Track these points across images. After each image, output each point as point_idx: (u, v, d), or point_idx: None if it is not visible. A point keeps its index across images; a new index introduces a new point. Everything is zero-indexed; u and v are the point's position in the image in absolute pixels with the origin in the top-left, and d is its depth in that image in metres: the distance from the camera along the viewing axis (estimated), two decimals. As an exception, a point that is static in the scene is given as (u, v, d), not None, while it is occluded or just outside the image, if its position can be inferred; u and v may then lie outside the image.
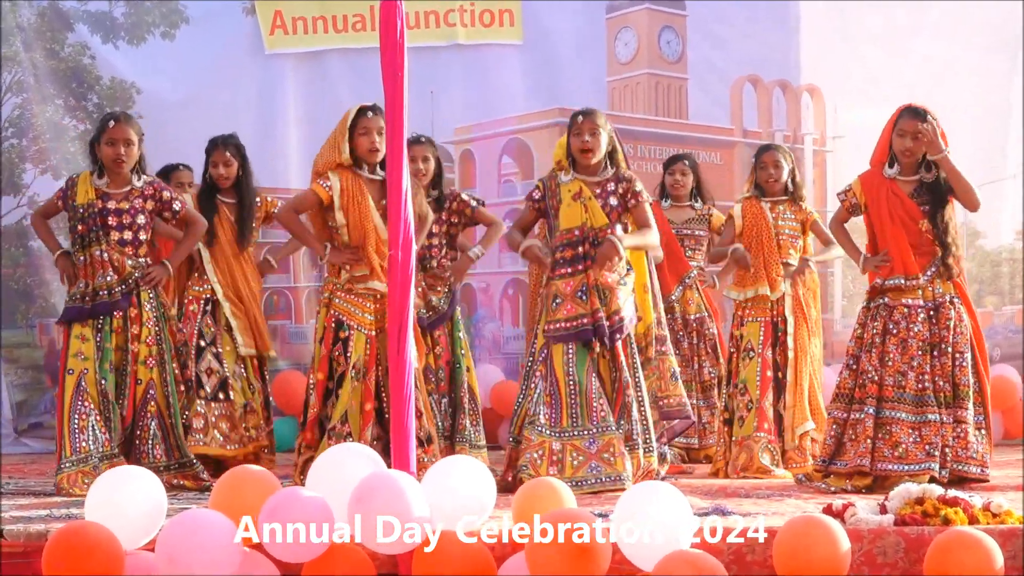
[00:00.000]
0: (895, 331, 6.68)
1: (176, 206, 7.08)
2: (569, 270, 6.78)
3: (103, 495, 4.92)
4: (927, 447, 6.53)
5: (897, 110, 6.80)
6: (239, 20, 10.28)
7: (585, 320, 6.70)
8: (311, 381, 6.87)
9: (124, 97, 9.97)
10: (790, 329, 7.67)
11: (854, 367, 6.78)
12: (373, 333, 6.76)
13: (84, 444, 6.70)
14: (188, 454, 6.99)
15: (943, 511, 5.03)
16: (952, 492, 5.23)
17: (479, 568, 4.72)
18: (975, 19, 10.26)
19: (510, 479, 6.62)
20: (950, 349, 6.66)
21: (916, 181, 6.77)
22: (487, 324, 10.15)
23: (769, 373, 7.64)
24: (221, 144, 8.01)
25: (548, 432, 6.62)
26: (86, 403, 6.75)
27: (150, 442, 6.84)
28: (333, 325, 6.81)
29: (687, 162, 8.68)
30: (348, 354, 6.74)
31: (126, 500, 4.89)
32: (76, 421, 6.72)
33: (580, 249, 6.78)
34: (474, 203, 7.78)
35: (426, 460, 6.45)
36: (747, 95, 10.45)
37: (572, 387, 6.64)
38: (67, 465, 6.66)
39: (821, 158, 10.47)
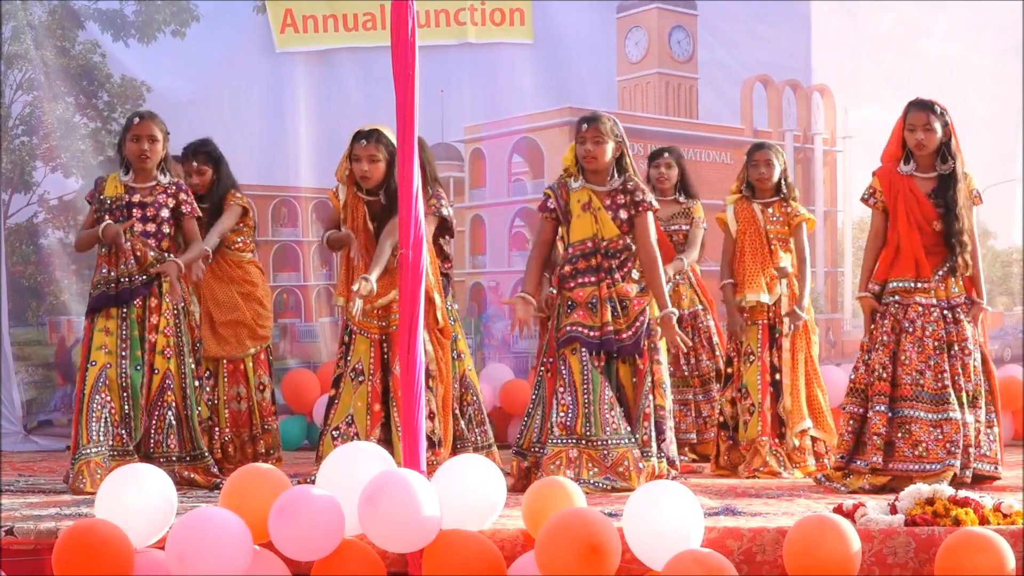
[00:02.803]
0: (911, 329, 6.66)
1: (185, 209, 7.11)
2: (582, 280, 6.77)
3: (113, 493, 4.93)
4: (948, 445, 6.50)
5: (907, 106, 6.76)
6: (249, 19, 10.28)
7: (593, 333, 6.69)
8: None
9: (134, 95, 9.98)
10: (786, 330, 7.66)
11: (868, 361, 6.75)
12: (377, 337, 6.79)
13: (97, 436, 6.72)
14: (201, 446, 6.99)
15: (954, 511, 5.03)
16: (963, 493, 5.23)
17: (489, 567, 4.72)
18: (986, 21, 10.24)
19: (519, 489, 6.60)
20: (959, 351, 6.65)
21: (934, 179, 6.75)
22: (496, 323, 10.15)
23: (767, 377, 7.64)
24: (191, 155, 8.02)
25: (564, 440, 6.61)
26: (104, 395, 6.78)
27: (164, 432, 6.85)
28: (346, 333, 6.86)
29: (670, 154, 8.66)
30: (348, 357, 6.78)
31: (136, 498, 4.90)
32: (93, 413, 6.74)
33: (593, 261, 6.77)
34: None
35: (435, 462, 6.45)
36: (757, 95, 10.44)
37: (587, 396, 6.62)
38: (83, 454, 6.69)
39: (831, 158, 10.46)
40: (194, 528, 4.66)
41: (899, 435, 6.60)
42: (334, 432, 6.72)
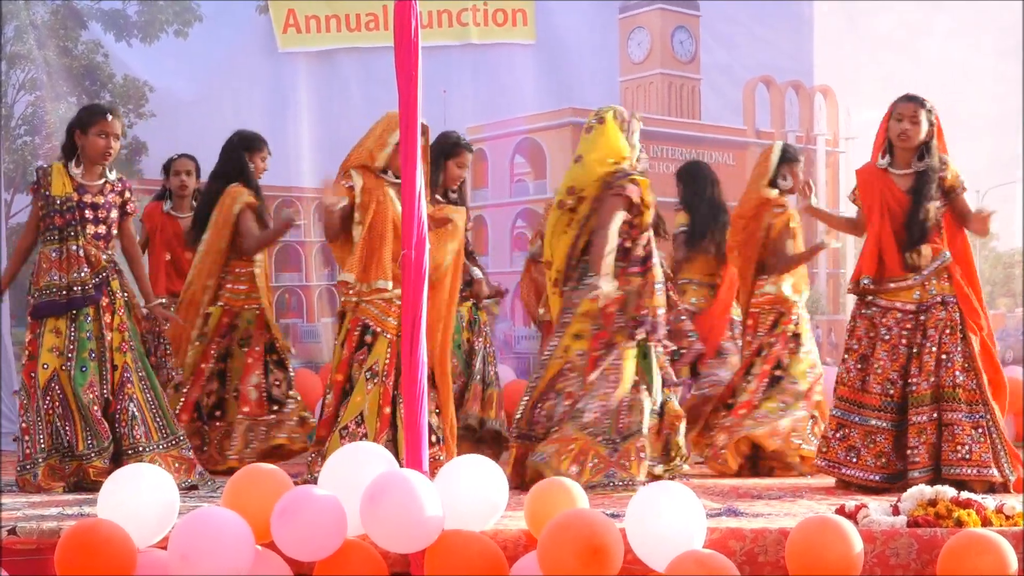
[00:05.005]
0: (887, 337, 6.67)
1: (129, 209, 7.02)
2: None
3: (116, 493, 4.93)
4: (909, 451, 6.53)
5: (896, 99, 6.75)
6: (252, 19, 10.30)
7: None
8: (330, 381, 6.90)
9: (137, 95, 10.00)
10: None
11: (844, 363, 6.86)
12: (394, 338, 6.77)
13: (50, 440, 6.71)
14: (175, 431, 6.95)
15: (956, 513, 5.03)
16: (965, 494, 5.23)
17: (491, 568, 4.72)
18: (987, 22, 10.25)
19: (521, 476, 6.65)
20: (935, 348, 6.58)
21: (912, 175, 6.72)
22: (499, 324, 10.14)
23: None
24: (263, 145, 8.15)
25: (590, 432, 6.64)
26: (54, 402, 6.72)
27: (129, 424, 6.78)
28: (359, 329, 6.80)
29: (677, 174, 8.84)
30: (365, 356, 6.75)
31: (139, 498, 4.90)
32: (43, 416, 6.71)
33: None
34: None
35: (441, 459, 6.48)
36: (760, 96, 10.45)
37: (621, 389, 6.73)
38: (39, 460, 6.68)
39: (834, 159, 10.47)
40: (196, 528, 4.66)
41: (865, 443, 6.63)
42: (342, 431, 6.70)
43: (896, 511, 5.17)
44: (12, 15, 9.75)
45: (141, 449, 6.74)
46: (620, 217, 6.74)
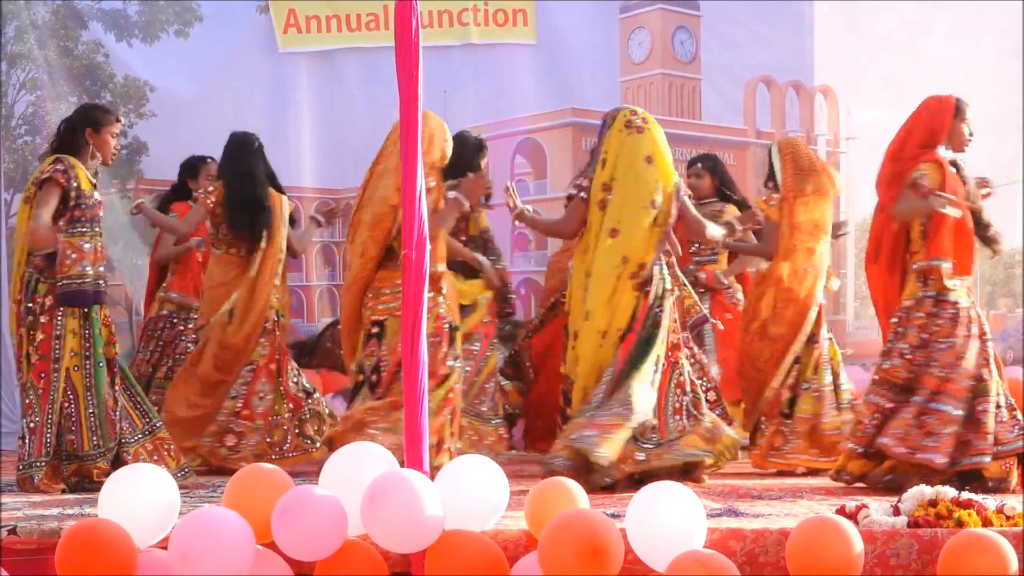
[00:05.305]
0: (975, 331, 6.70)
1: None
2: None
3: (116, 493, 4.93)
4: (988, 436, 6.52)
5: (950, 98, 6.83)
6: (253, 19, 10.30)
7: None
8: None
9: (137, 95, 10.00)
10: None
11: (907, 356, 6.74)
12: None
13: (55, 441, 6.68)
14: (154, 416, 7.00)
15: (956, 513, 5.04)
16: (966, 494, 5.23)
17: (492, 568, 4.72)
18: (988, 22, 10.25)
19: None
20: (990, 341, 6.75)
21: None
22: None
23: None
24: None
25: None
26: (66, 403, 6.72)
27: (117, 414, 6.80)
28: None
29: (700, 165, 8.70)
30: None
31: (139, 498, 4.90)
32: (54, 418, 6.67)
33: None
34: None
35: (453, 450, 6.56)
36: (761, 96, 10.45)
37: None
38: (42, 462, 6.64)
39: (835, 159, 10.46)
40: (197, 528, 4.66)
41: (945, 430, 6.55)
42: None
43: (897, 511, 5.17)
44: (13, 15, 9.75)
45: (125, 440, 6.77)
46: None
